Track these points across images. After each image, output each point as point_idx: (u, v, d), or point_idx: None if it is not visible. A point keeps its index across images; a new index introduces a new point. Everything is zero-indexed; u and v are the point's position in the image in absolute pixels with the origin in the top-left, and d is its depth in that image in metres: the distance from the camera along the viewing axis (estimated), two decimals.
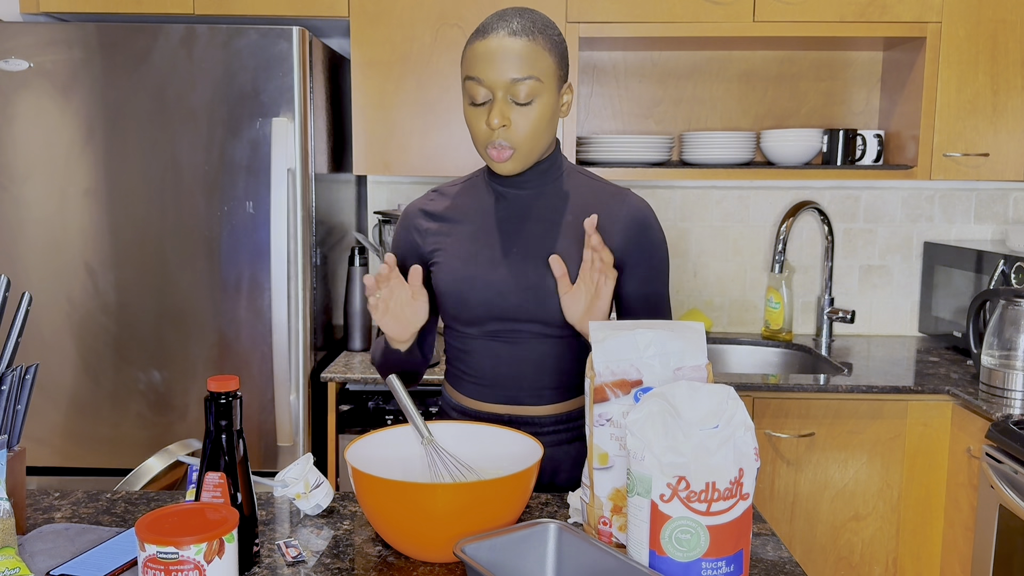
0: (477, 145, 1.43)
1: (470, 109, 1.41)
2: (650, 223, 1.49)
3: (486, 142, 1.40)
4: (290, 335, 2.27)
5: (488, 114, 1.37)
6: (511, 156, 1.40)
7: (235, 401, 1.16)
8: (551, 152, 1.49)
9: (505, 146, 1.39)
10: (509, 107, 1.37)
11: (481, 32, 1.38)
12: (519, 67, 1.35)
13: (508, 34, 1.35)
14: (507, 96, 1.37)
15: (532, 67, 1.36)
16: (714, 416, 1.04)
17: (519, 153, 1.40)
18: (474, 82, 1.37)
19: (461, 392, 1.55)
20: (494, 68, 1.35)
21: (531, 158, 1.43)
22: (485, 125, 1.38)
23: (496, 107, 1.37)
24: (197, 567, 1.00)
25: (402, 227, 1.57)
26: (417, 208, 1.56)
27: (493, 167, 1.43)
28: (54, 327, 2.31)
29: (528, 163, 1.43)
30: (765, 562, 1.21)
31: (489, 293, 1.46)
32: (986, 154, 2.52)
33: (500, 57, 1.35)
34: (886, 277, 2.95)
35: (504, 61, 1.35)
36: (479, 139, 1.41)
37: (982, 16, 2.47)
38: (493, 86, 1.36)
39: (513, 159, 1.41)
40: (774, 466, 2.34)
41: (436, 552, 1.17)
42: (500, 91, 1.36)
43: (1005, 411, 2.09)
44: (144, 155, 2.25)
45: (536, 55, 1.36)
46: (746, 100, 2.86)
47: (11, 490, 1.23)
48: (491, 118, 1.36)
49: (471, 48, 1.38)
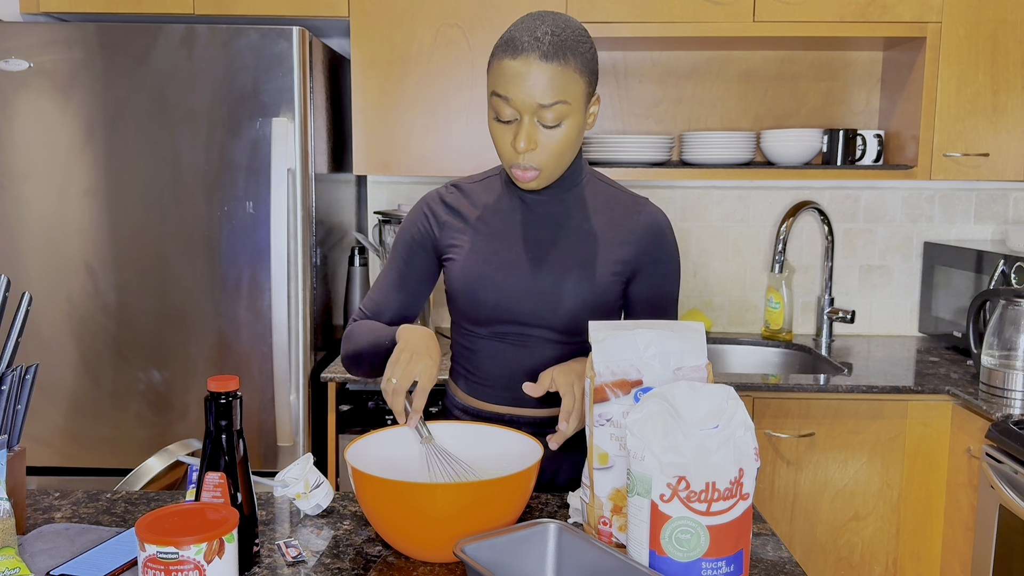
0: (502, 160, 1.40)
1: (496, 124, 1.38)
2: (665, 234, 1.49)
3: (511, 162, 1.38)
4: (290, 335, 2.27)
5: (515, 136, 1.35)
6: (536, 176, 1.39)
7: (235, 401, 1.16)
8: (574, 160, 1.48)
9: (530, 167, 1.37)
10: (536, 129, 1.34)
11: (512, 49, 1.32)
12: (549, 93, 1.31)
13: (539, 57, 1.30)
14: (534, 119, 1.34)
15: (562, 92, 1.32)
16: (714, 416, 1.04)
17: (544, 174, 1.39)
18: (501, 100, 1.34)
19: (465, 391, 1.55)
20: (523, 91, 1.31)
21: (555, 176, 1.42)
22: (511, 146, 1.36)
23: (523, 130, 1.33)
24: (197, 567, 1.00)
25: (420, 211, 1.54)
26: (438, 197, 1.54)
27: (518, 184, 1.41)
28: (54, 327, 2.31)
29: (552, 179, 1.42)
30: (765, 562, 1.21)
31: (502, 296, 1.46)
32: (986, 154, 2.52)
33: (530, 82, 1.31)
34: (886, 277, 2.95)
35: (534, 87, 1.31)
36: (504, 157, 1.39)
37: (982, 16, 2.47)
38: (521, 109, 1.33)
39: (538, 179, 1.39)
40: (774, 466, 2.34)
41: (436, 552, 1.17)
42: (528, 115, 1.33)
43: (1005, 411, 2.09)
44: (144, 155, 2.25)
45: (567, 79, 1.32)
46: (746, 100, 2.86)
47: (11, 490, 1.23)
48: (517, 141, 1.34)
49: (500, 63, 1.33)
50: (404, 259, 1.55)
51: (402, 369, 1.31)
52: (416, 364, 1.32)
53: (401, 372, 1.31)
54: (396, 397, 1.30)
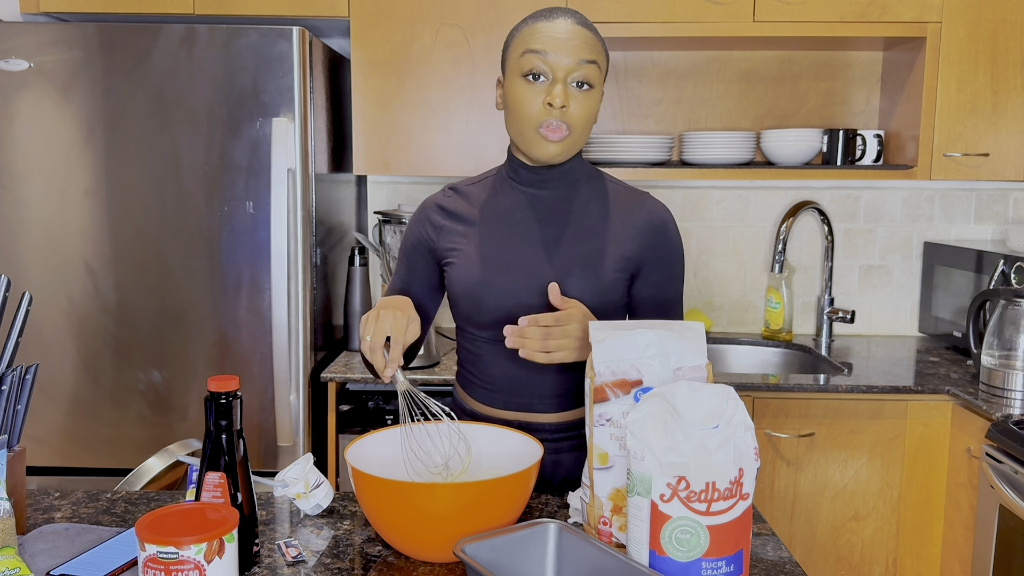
0: (524, 124, 1.39)
1: (522, 84, 1.37)
2: (667, 228, 1.48)
3: (540, 121, 1.37)
4: (290, 335, 2.27)
5: (548, 92, 1.36)
6: (565, 136, 1.38)
7: (235, 401, 1.16)
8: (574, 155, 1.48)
9: (562, 126, 1.37)
10: (568, 90, 1.37)
11: (545, 15, 1.38)
12: (588, 50, 1.36)
13: (575, 22, 1.37)
14: (567, 79, 1.36)
15: (596, 54, 1.38)
16: (714, 416, 1.04)
17: (571, 137, 1.39)
18: (537, 55, 1.36)
19: (472, 397, 1.54)
20: (564, 46, 1.35)
21: (577, 146, 1.42)
22: (543, 104, 1.36)
23: (559, 87, 1.35)
24: (197, 567, 1.00)
25: (417, 220, 1.54)
26: (434, 203, 1.53)
27: (538, 149, 1.39)
28: (54, 327, 2.31)
29: (572, 152, 1.42)
30: (765, 562, 1.21)
31: (504, 298, 1.44)
32: (986, 154, 2.52)
33: (569, 38, 1.35)
34: (886, 277, 2.95)
35: (573, 41, 1.35)
36: (531, 117, 1.37)
37: (982, 16, 2.47)
38: (556, 65, 1.35)
39: (565, 142, 1.39)
40: (774, 466, 2.34)
41: (436, 552, 1.17)
42: (563, 71, 1.35)
43: (1005, 411, 2.09)
44: (144, 155, 2.25)
45: (597, 47, 1.39)
46: (746, 100, 2.86)
47: (11, 490, 1.23)
48: (553, 96, 1.35)
49: (533, 26, 1.37)
50: (407, 266, 1.55)
51: (372, 326, 1.30)
52: (385, 319, 1.30)
53: (373, 329, 1.30)
54: (374, 355, 1.29)
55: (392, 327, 1.30)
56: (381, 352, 1.29)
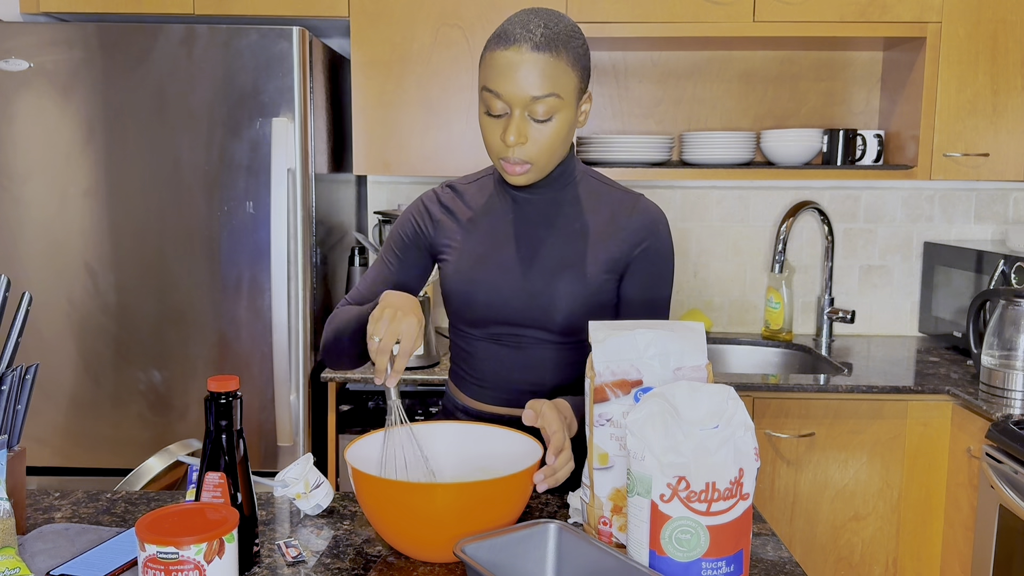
0: (491, 155, 1.39)
1: (485, 118, 1.36)
2: (659, 230, 1.47)
3: (500, 155, 1.36)
4: (290, 335, 2.27)
5: (504, 129, 1.33)
6: (526, 171, 1.37)
7: (235, 401, 1.16)
8: (565, 158, 1.47)
9: (520, 161, 1.35)
10: (527, 123, 1.33)
11: (503, 40, 1.31)
12: (540, 85, 1.29)
13: (531, 48, 1.29)
14: (525, 113, 1.32)
15: (553, 85, 1.30)
16: (714, 416, 1.04)
17: (534, 168, 1.37)
18: (491, 95, 1.32)
19: (464, 392, 1.55)
20: (514, 83, 1.29)
21: (546, 171, 1.41)
22: (500, 139, 1.34)
23: (513, 124, 1.32)
24: (197, 567, 1.00)
25: (415, 210, 1.53)
26: (434, 195, 1.53)
27: (507, 179, 1.40)
28: (54, 327, 2.31)
29: (542, 176, 1.41)
30: (765, 562, 1.21)
31: (495, 297, 1.45)
32: (986, 154, 2.52)
33: (521, 73, 1.29)
34: (886, 277, 2.95)
35: (525, 78, 1.29)
36: (493, 151, 1.37)
37: (982, 16, 2.47)
38: (511, 102, 1.31)
39: (528, 174, 1.38)
40: (774, 466, 2.34)
41: (436, 552, 1.17)
42: (518, 108, 1.31)
43: (1005, 411, 2.09)
44: (144, 155, 2.25)
45: (558, 72, 1.31)
46: (746, 100, 2.86)
47: (11, 490, 1.23)
48: (507, 135, 1.32)
49: (491, 55, 1.32)
50: (397, 256, 1.53)
51: (386, 326, 1.23)
52: (400, 322, 1.23)
53: (385, 329, 1.23)
54: (380, 356, 1.24)
55: (406, 333, 1.24)
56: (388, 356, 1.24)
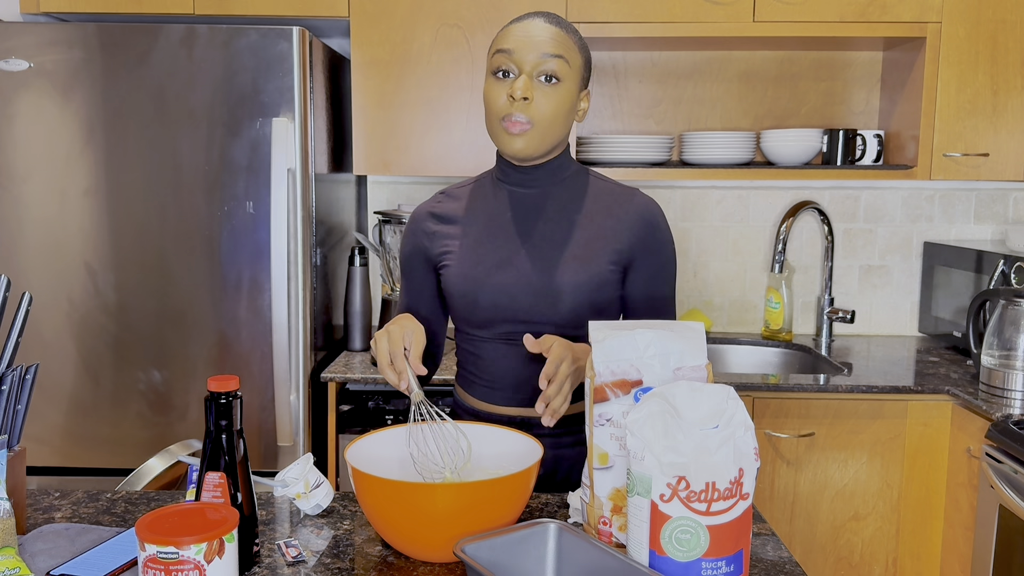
0: (492, 120, 1.42)
1: (492, 81, 1.41)
2: (658, 223, 1.48)
3: (503, 114, 1.39)
4: (290, 335, 2.27)
5: (511, 86, 1.39)
6: (527, 131, 1.39)
7: (235, 401, 1.16)
8: (561, 152, 1.49)
9: (523, 120, 1.38)
10: (533, 84, 1.38)
11: (520, 18, 1.42)
12: (551, 45, 1.38)
13: (544, 21, 1.40)
14: (533, 73, 1.38)
15: (564, 50, 1.39)
16: (714, 416, 1.04)
17: (535, 131, 1.39)
18: (503, 54, 1.39)
19: (473, 395, 1.55)
20: (530, 43, 1.38)
21: (544, 142, 1.42)
22: (506, 97, 1.39)
23: (520, 80, 1.38)
24: (197, 567, 1.00)
25: (410, 231, 1.57)
26: (424, 211, 1.56)
27: (505, 145, 1.41)
28: (54, 327, 2.31)
29: (540, 148, 1.42)
30: (765, 562, 1.21)
31: (498, 295, 1.45)
32: (986, 154, 2.52)
33: (534, 35, 1.39)
34: (886, 277, 2.95)
35: (538, 36, 1.38)
36: (496, 111, 1.40)
37: (982, 16, 2.47)
38: (522, 61, 1.38)
39: (528, 136, 1.39)
40: (774, 466, 2.34)
41: (436, 552, 1.17)
42: (528, 66, 1.38)
43: (1005, 411, 2.09)
44: (144, 155, 2.25)
45: (568, 44, 1.40)
46: (746, 100, 2.86)
47: (11, 490, 1.23)
48: (515, 88, 1.37)
49: (505, 29, 1.42)
50: (408, 280, 1.59)
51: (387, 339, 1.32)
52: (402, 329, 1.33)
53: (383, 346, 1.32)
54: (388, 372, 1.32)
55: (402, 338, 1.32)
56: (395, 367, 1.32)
